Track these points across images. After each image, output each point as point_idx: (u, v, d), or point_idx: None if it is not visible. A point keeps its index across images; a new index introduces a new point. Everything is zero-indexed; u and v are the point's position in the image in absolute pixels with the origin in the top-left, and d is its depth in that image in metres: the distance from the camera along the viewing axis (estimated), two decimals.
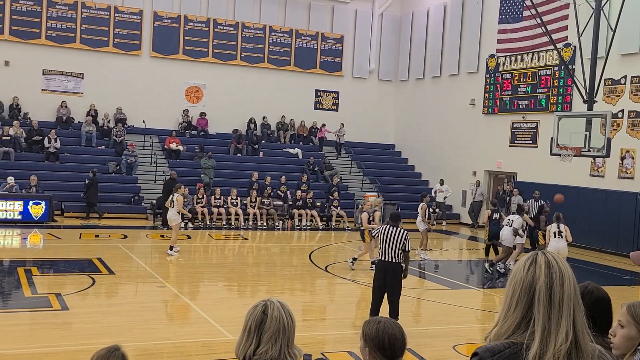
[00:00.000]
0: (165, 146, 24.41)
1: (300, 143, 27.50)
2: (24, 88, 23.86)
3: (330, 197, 22.85)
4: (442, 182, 24.61)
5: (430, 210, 24.20)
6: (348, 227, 22.18)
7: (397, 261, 9.38)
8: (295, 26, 27.96)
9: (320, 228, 21.94)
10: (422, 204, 16.76)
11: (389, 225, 9.60)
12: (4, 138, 21.92)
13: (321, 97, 28.73)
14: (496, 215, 16.05)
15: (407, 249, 9.44)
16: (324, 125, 27.72)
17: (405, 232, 9.47)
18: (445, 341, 9.16)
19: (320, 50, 28.45)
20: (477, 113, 24.90)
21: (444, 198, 24.36)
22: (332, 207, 22.59)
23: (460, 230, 23.95)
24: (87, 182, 20.74)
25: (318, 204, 22.66)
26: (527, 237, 15.92)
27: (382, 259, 9.48)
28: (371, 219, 15.08)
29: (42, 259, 14.52)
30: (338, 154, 27.69)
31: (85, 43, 24.83)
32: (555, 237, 13.42)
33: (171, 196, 15.86)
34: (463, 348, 8.87)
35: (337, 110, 28.76)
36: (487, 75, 24.52)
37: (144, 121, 24.54)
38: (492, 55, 24.19)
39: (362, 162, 27.40)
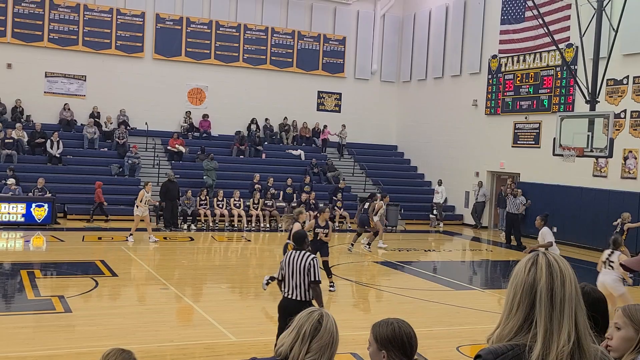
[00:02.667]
0: (169, 147, 24.43)
1: (303, 144, 27.51)
2: (27, 91, 23.91)
3: (334, 198, 22.86)
4: (440, 183, 24.65)
5: (435, 213, 24.32)
6: (350, 227, 22.18)
7: (302, 299, 7.14)
8: (297, 27, 27.97)
9: None
10: (379, 202, 17.51)
11: (293, 251, 7.49)
12: (6, 141, 21.96)
13: (323, 98, 28.73)
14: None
15: (315, 279, 7.17)
16: (325, 126, 27.72)
17: (312, 257, 7.27)
18: (449, 342, 9.15)
19: (323, 51, 28.46)
20: (479, 114, 24.89)
21: (443, 200, 24.40)
22: (335, 208, 22.59)
23: (463, 231, 23.93)
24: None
25: (321, 205, 22.61)
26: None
27: (284, 295, 7.34)
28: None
29: (45, 261, 14.54)
30: (340, 155, 27.69)
31: (88, 45, 24.87)
32: (604, 266, 10.12)
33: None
34: (467, 349, 8.86)
35: (339, 111, 28.77)
36: (490, 76, 24.50)
37: (146, 123, 24.57)
38: (494, 56, 24.18)
39: (365, 163, 27.40)
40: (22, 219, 19.00)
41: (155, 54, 25.85)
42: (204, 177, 22.78)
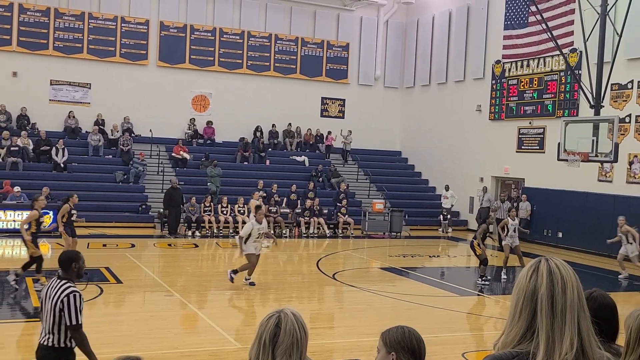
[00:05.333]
0: (174, 154, 24.48)
1: (307, 150, 27.53)
2: (32, 98, 24.01)
3: (338, 204, 22.86)
4: (447, 188, 24.61)
5: (441, 217, 24.27)
6: (353, 234, 22.18)
7: (50, 344, 5.22)
8: (301, 34, 28.04)
9: (328, 235, 21.92)
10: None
11: (54, 278, 5.41)
12: (12, 148, 22.04)
13: (327, 104, 28.77)
14: None
15: (72, 322, 5.18)
16: (329, 132, 27.74)
17: (71, 288, 5.24)
18: (454, 348, 9.12)
19: (326, 57, 28.52)
20: (483, 119, 24.87)
21: (451, 205, 24.33)
22: (339, 214, 22.59)
23: (468, 236, 23.86)
24: None
25: (325, 211, 22.66)
26: None
27: (39, 341, 5.37)
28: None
29: (50, 268, 14.54)
30: (345, 161, 27.70)
31: (93, 53, 24.98)
32: None
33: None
34: (472, 355, 8.83)
35: (343, 117, 28.79)
36: (493, 81, 24.50)
37: (150, 130, 24.64)
38: (498, 61, 24.18)
39: (369, 169, 27.39)
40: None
41: (159, 62, 25.94)
42: (208, 183, 22.81)
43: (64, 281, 5.31)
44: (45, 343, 5.24)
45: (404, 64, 29.56)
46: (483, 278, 14.59)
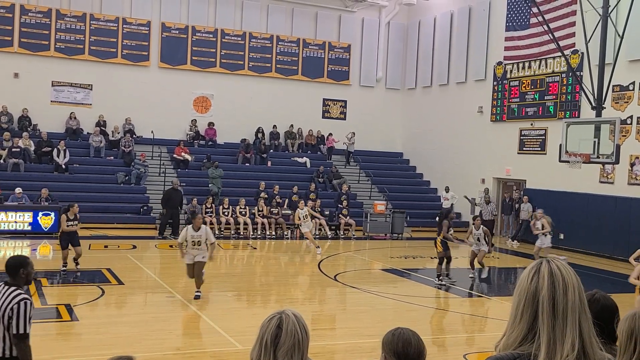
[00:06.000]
0: (175, 156, 24.49)
1: (309, 152, 27.53)
2: (33, 100, 24.03)
3: (339, 205, 22.86)
4: (447, 190, 24.60)
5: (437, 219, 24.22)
6: (354, 235, 22.18)
7: (3, 355, 5.01)
8: (303, 35, 28.06)
9: (329, 237, 21.92)
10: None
11: (1, 285, 5.19)
12: (13, 150, 22.06)
13: (329, 105, 28.78)
14: None
15: (18, 331, 4.91)
16: (330, 134, 27.73)
17: (22, 295, 5.00)
18: (456, 350, 9.11)
19: (328, 59, 28.53)
20: (485, 120, 24.87)
21: (451, 205, 24.31)
22: (340, 215, 22.59)
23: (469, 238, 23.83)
24: None
25: (327, 212, 22.66)
26: None
27: None
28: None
29: (52, 270, 14.57)
30: (347, 162, 27.70)
31: (94, 54, 25.01)
32: None
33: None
34: (474, 357, 8.83)
35: (344, 119, 28.80)
36: (495, 83, 24.50)
37: (152, 131, 24.66)
38: (499, 63, 24.18)
39: (371, 171, 27.39)
40: (29, 228, 19.06)
41: (161, 63, 25.97)
42: (210, 185, 22.82)
43: (12, 288, 5.04)
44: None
45: (405, 65, 29.57)
46: (440, 277, 14.36)
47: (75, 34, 24.81)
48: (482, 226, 15.37)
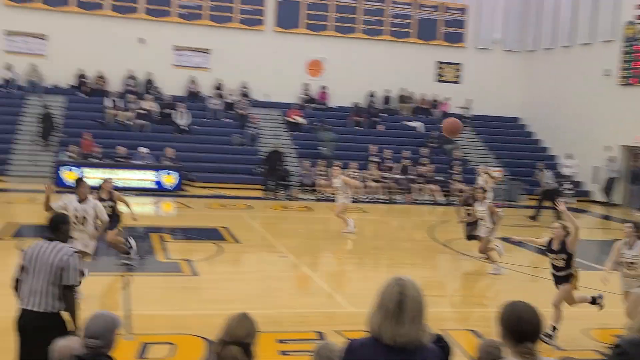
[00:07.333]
0: (288, 118, 24.89)
1: (421, 116, 27.08)
2: (157, 64, 25.09)
3: (449, 170, 22.41)
4: (569, 156, 23.41)
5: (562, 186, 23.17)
6: None
7: (47, 310, 5.07)
8: None
9: (441, 202, 21.59)
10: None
11: (42, 241, 5.23)
12: (139, 111, 23.25)
13: (443, 69, 28.07)
14: None
15: (70, 282, 5.09)
16: (447, 99, 27.02)
17: (70, 249, 5.20)
18: (576, 324, 8.74)
19: (442, 20, 27.74)
20: (611, 84, 23.33)
21: (572, 174, 23.16)
22: (451, 181, 22.15)
23: (592, 208, 22.70)
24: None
25: (439, 178, 22.29)
26: None
27: (21, 305, 5.14)
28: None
29: (174, 226, 15.34)
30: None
31: (213, 19, 25.70)
32: None
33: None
34: (595, 332, 8.45)
35: (459, 82, 28.01)
36: (625, 44, 22.84)
37: (266, 94, 25.13)
38: (630, 22, 22.47)
39: (486, 136, 26.56)
40: (155, 186, 20.16)
41: (275, 27, 26.28)
42: (322, 148, 23.03)
43: (57, 242, 5.16)
44: (38, 310, 5.02)
45: (525, 25, 28.14)
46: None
47: (195, 0, 25.55)
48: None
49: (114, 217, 10.08)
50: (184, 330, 7.73)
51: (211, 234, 14.23)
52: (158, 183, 20.20)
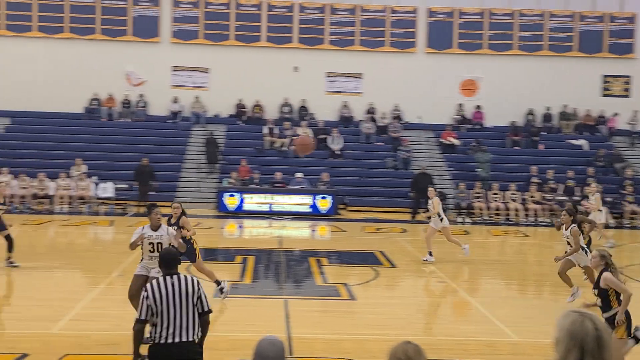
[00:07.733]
0: (442, 140, 24.43)
1: (586, 133, 25.40)
2: (310, 90, 25.78)
3: (622, 191, 20.69)
4: None
5: None
6: None
7: (196, 340, 5.35)
8: (578, 8, 25.90)
9: (612, 226, 19.97)
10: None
11: (161, 278, 5.40)
12: (293, 138, 23.94)
13: (609, 82, 26.21)
14: None
15: (208, 308, 5.42)
16: (616, 114, 25.14)
17: (197, 280, 5.47)
18: None
19: (608, 31, 25.97)
20: None
21: None
22: (624, 202, 20.43)
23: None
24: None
25: (608, 199, 20.67)
26: None
27: (163, 341, 5.24)
28: None
29: (330, 250, 15.48)
30: (631, 144, 24.98)
31: (364, 44, 26.00)
32: None
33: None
34: None
35: (629, 96, 25.97)
36: None
37: (419, 117, 24.87)
38: None
39: None
40: (310, 210, 20.57)
41: (427, 48, 26.03)
42: (478, 169, 22.30)
43: (183, 275, 5.43)
44: (193, 340, 5.30)
45: None
46: None
47: (346, 27, 26.03)
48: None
49: (186, 242, 9.34)
50: (340, 354, 7.64)
51: (367, 258, 14.16)
52: (313, 207, 20.58)
